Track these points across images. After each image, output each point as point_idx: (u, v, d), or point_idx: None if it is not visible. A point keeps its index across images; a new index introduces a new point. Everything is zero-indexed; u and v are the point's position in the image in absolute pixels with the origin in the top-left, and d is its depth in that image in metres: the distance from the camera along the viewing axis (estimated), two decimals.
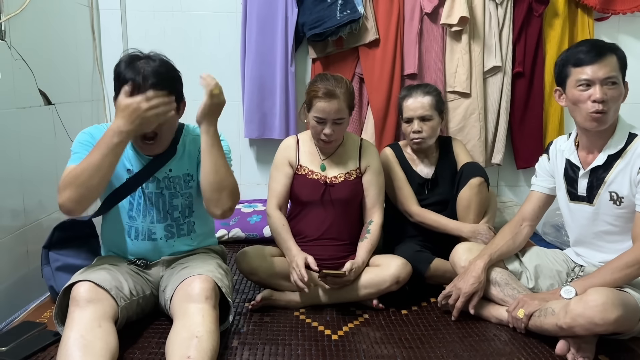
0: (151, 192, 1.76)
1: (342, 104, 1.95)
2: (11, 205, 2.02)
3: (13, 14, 2.00)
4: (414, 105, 2.20)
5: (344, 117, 1.98)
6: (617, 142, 1.70)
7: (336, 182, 2.04)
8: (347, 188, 2.05)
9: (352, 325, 1.84)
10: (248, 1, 2.79)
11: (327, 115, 1.95)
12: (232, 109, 2.94)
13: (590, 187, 1.75)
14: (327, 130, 1.97)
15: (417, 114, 2.19)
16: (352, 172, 2.07)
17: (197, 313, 1.49)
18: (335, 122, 1.96)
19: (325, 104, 1.93)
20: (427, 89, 2.25)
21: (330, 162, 2.09)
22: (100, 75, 2.82)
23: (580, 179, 1.78)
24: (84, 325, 1.42)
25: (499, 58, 2.78)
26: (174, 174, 1.78)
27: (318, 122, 1.98)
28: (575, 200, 1.81)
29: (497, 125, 2.89)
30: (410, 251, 2.08)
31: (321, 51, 2.84)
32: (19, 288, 2.03)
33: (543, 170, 1.94)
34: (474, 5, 2.76)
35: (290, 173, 2.08)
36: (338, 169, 2.08)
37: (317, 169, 2.07)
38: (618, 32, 2.93)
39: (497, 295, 1.83)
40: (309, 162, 2.08)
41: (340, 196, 2.04)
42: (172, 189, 1.78)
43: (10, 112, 2.01)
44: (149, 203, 1.77)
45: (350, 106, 2.01)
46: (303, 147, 2.11)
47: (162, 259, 1.81)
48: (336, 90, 1.93)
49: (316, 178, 2.05)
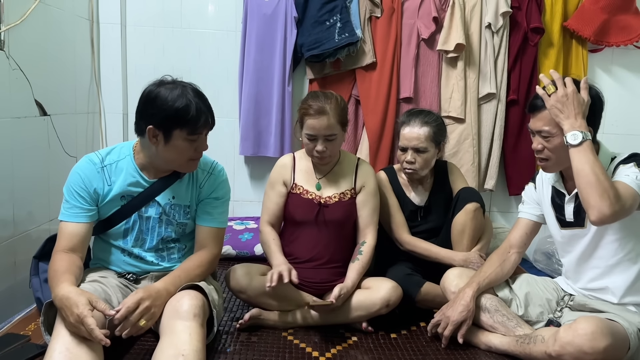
0: (150, 216, 1.75)
1: (332, 120, 1.94)
2: (0, 216, 2.01)
3: (13, 24, 2.01)
4: (409, 135, 2.17)
5: (335, 133, 1.97)
6: None
7: (330, 203, 2.04)
8: (341, 209, 2.04)
9: (340, 347, 1.82)
10: (248, 21, 2.82)
11: (317, 131, 1.95)
12: (228, 126, 2.97)
13: (577, 212, 1.76)
14: (319, 147, 1.96)
15: (412, 144, 2.16)
16: (346, 192, 2.06)
17: (184, 331, 1.47)
18: (327, 138, 1.96)
19: (315, 120, 1.94)
20: (427, 119, 2.19)
21: (326, 181, 2.08)
22: (97, 88, 2.83)
23: (566, 205, 1.79)
24: (70, 338, 1.40)
25: (494, 85, 2.82)
26: (176, 201, 1.76)
27: (310, 139, 1.98)
28: (566, 226, 1.82)
29: (490, 151, 2.91)
30: (401, 274, 2.07)
31: (318, 72, 2.87)
32: (4, 299, 2.01)
33: (529, 198, 1.95)
34: (470, 32, 2.80)
35: (284, 192, 2.07)
36: (333, 189, 2.07)
37: (312, 188, 2.06)
38: (611, 63, 2.98)
39: (487, 322, 1.82)
40: (304, 181, 2.08)
41: (334, 217, 2.03)
42: (171, 217, 1.77)
43: (5, 121, 2.01)
44: (145, 229, 1.75)
45: (342, 122, 2.00)
46: (299, 165, 2.11)
47: (152, 274, 1.79)
48: (325, 107, 1.94)
49: (310, 198, 2.05)
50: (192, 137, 1.62)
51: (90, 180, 1.67)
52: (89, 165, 1.70)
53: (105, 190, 1.69)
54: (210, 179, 1.80)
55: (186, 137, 1.62)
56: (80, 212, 1.66)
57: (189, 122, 1.60)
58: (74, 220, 1.65)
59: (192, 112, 1.59)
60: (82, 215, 1.66)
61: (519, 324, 1.78)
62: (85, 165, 1.69)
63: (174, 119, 1.59)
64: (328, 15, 2.75)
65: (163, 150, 1.65)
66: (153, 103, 1.61)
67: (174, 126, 1.60)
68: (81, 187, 1.67)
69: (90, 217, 1.68)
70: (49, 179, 2.29)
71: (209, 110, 1.66)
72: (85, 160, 1.71)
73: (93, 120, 2.82)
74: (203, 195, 1.80)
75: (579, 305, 1.79)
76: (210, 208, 1.80)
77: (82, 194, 1.67)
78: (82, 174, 1.68)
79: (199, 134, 1.64)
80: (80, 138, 2.66)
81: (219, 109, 2.95)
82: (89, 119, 2.78)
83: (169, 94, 1.60)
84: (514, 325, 1.77)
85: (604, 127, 2.88)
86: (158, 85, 1.63)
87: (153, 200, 1.73)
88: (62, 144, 2.38)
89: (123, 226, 1.73)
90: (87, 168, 1.69)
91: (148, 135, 1.63)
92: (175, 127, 1.60)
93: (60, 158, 2.34)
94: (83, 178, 1.67)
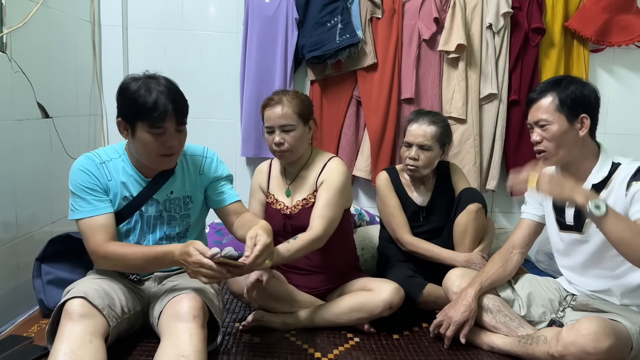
0: (150, 215, 1.75)
1: (287, 110, 1.90)
2: (3, 217, 2.01)
3: (15, 26, 2.02)
4: (416, 132, 2.17)
5: (291, 123, 1.90)
6: (599, 170, 1.73)
7: (294, 213, 1.98)
8: (306, 216, 1.93)
9: (343, 348, 1.82)
10: (249, 22, 2.83)
11: (273, 122, 1.91)
12: (229, 128, 2.98)
13: (578, 216, 1.76)
14: (276, 138, 1.91)
15: (417, 141, 2.16)
16: (309, 197, 1.97)
17: (185, 332, 1.47)
18: (283, 129, 1.90)
19: (269, 111, 1.92)
20: (435, 119, 2.20)
21: (295, 186, 2.02)
22: (99, 90, 2.83)
23: (567, 208, 1.79)
24: (75, 340, 1.40)
25: (495, 86, 2.82)
26: (174, 195, 1.77)
27: (268, 132, 1.95)
28: (565, 229, 1.82)
29: (492, 151, 2.91)
30: (403, 276, 2.07)
31: (320, 73, 2.87)
32: (7, 301, 2.01)
33: (532, 198, 1.95)
34: (471, 33, 2.80)
35: (264, 199, 2.06)
36: (300, 194, 2.00)
37: (282, 196, 2.02)
38: (613, 63, 2.98)
39: (489, 322, 1.82)
40: (276, 188, 2.05)
41: (301, 225, 1.92)
42: (172, 211, 1.77)
43: (8, 123, 2.02)
44: (146, 227, 1.76)
45: (302, 115, 1.93)
46: (274, 171, 2.08)
47: (155, 275, 1.80)
48: (282, 98, 1.92)
49: (278, 208, 2.01)
50: (153, 130, 1.59)
51: (93, 173, 1.68)
52: (88, 160, 1.70)
53: (107, 185, 1.70)
54: (206, 162, 1.81)
55: (148, 130, 1.59)
56: (101, 205, 1.66)
57: (148, 114, 1.57)
58: (99, 213, 1.65)
59: (150, 104, 1.56)
60: (103, 207, 1.67)
61: (521, 324, 1.78)
62: (85, 161, 1.70)
63: (135, 111, 1.58)
64: (329, 16, 2.75)
65: (133, 144, 1.66)
66: (121, 96, 1.63)
67: (135, 118, 1.59)
68: (90, 182, 1.67)
69: (111, 207, 1.69)
70: (51, 181, 2.30)
71: (175, 103, 1.60)
72: (83, 158, 1.72)
73: (95, 123, 2.83)
74: (208, 179, 1.80)
75: (582, 305, 1.79)
76: (221, 187, 1.83)
77: (93, 187, 1.67)
78: (84, 169, 1.68)
79: (159, 127, 1.59)
80: (82, 140, 2.67)
81: (221, 110, 3.00)
82: (91, 121, 2.78)
83: (136, 86, 1.59)
84: (517, 326, 1.77)
85: (605, 127, 2.92)
86: (132, 80, 1.63)
87: (152, 199, 1.74)
88: (64, 146, 2.39)
89: (125, 226, 1.74)
90: (87, 163, 1.70)
91: (119, 129, 1.65)
92: (136, 119, 1.59)
93: (62, 160, 2.34)
94: (87, 172, 1.68)
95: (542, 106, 1.73)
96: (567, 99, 1.71)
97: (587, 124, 1.71)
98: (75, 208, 1.66)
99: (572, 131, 1.71)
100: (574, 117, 1.71)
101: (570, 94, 1.71)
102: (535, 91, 1.77)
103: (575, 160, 1.75)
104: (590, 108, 1.72)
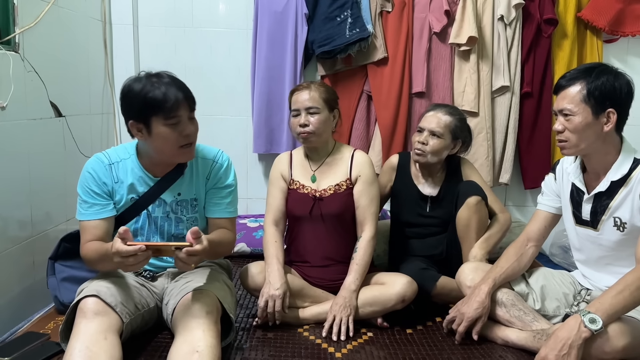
0: (157, 216, 1.77)
1: (314, 94, 1.98)
2: (19, 216, 2.04)
3: (27, 26, 2.04)
4: (430, 118, 2.19)
5: (317, 106, 1.97)
6: (620, 166, 1.68)
7: (325, 196, 2.02)
8: (337, 201, 2.00)
9: (356, 343, 1.82)
10: (259, 18, 2.83)
11: (299, 105, 1.98)
12: (240, 124, 2.98)
13: (594, 213, 1.73)
14: (302, 120, 1.97)
15: (430, 126, 2.16)
16: (342, 184, 2.02)
17: (198, 327, 1.48)
18: (308, 111, 1.97)
19: (297, 94, 2.01)
20: (452, 111, 2.22)
21: (321, 173, 2.06)
22: (111, 89, 2.85)
23: (584, 203, 1.76)
24: (90, 337, 1.42)
25: (507, 78, 2.79)
26: (182, 197, 1.78)
27: (294, 115, 2.01)
28: (580, 224, 1.80)
29: (505, 144, 2.89)
30: (416, 269, 2.06)
31: (330, 68, 2.86)
32: (24, 298, 2.04)
33: (549, 189, 1.91)
34: (482, 25, 2.78)
35: (285, 187, 2.08)
36: (329, 181, 2.04)
37: (307, 182, 2.05)
38: (627, 53, 2.93)
39: (503, 317, 1.81)
40: (300, 175, 2.07)
41: (330, 210, 2.00)
42: (179, 213, 1.78)
43: (22, 123, 2.04)
44: (154, 227, 1.77)
45: (328, 101, 2.00)
46: (295, 159, 2.11)
47: (168, 271, 1.82)
48: (310, 84, 2.02)
49: (306, 192, 2.04)
50: (170, 121, 1.60)
51: (100, 177, 1.70)
52: (97, 162, 1.72)
53: (114, 187, 1.72)
54: (215, 167, 1.80)
55: (165, 123, 1.60)
56: (100, 209, 1.69)
57: (161, 106, 1.58)
58: (96, 218, 1.68)
59: (159, 95, 1.58)
60: (102, 212, 1.69)
61: (535, 319, 1.77)
62: (94, 163, 1.72)
63: (147, 107, 1.59)
64: (339, 11, 2.74)
65: (151, 143, 1.66)
66: (126, 98, 1.64)
67: (149, 114, 1.60)
68: (95, 184, 1.69)
69: (110, 212, 1.71)
70: (65, 179, 2.32)
71: (181, 90, 1.63)
72: (93, 159, 1.74)
73: (107, 121, 2.85)
74: (210, 185, 1.80)
75: None
76: (218, 199, 1.80)
77: (97, 190, 1.69)
78: (92, 172, 1.70)
79: (174, 116, 1.60)
80: (95, 138, 2.69)
81: (232, 107, 3.01)
82: (104, 120, 2.80)
83: (140, 85, 1.61)
84: (531, 320, 1.76)
85: None
86: (133, 81, 1.64)
87: (159, 199, 1.75)
88: (78, 145, 2.41)
89: (133, 225, 1.75)
90: (96, 165, 1.72)
91: (133, 131, 1.65)
92: (150, 115, 1.60)
93: (75, 158, 2.36)
94: (94, 175, 1.70)
95: (568, 95, 1.66)
96: (596, 90, 1.62)
97: (613, 119, 1.63)
98: (78, 209, 1.71)
99: (597, 125, 1.64)
100: (601, 110, 1.63)
101: (600, 86, 1.62)
102: (565, 77, 1.69)
103: (595, 153, 1.70)
104: (619, 102, 1.63)
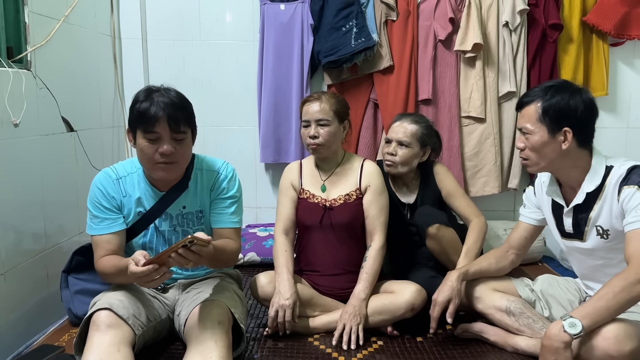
0: (164, 230, 1.79)
1: (324, 106, 1.99)
2: (32, 229, 2.07)
3: (39, 44, 2.08)
4: (397, 129, 2.24)
5: (327, 118, 1.98)
6: (592, 178, 1.66)
7: (335, 205, 2.03)
8: (347, 211, 2.01)
9: (367, 352, 1.83)
10: (265, 30, 2.86)
11: (309, 116, 2.00)
12: (248, 134, 3.01)
13: (577, 225, 1.73)
14: (312, 132, 1.99)
15: (397, 137, 2.21)
16: (352, 194, 2.04)
17: (210, 338, 1.50)
18: (319, 123, 1.99)
19: (308, 106, 2.02)
20: (418, 119, 2.26)
21: (331, 182, 2.08)
22: (121, 102, 2.89)
23: (564, 217, 1.76)
24: (104, 349, 1.44)
25: (514, 84, 2.80)
26: (187, 210, 1.80)
27: (305, 127, 2.03)
28: (566, 237, 1.79)
29: (512, 150, 2.89)
30: (425, 277, 2.06)
31: (336, 77, 2.89)
32: (38, 311, 2.07)
33: (530, 202, 1.92)
34: (487, 31, 2.79)
35: (295, 196, 2.09)
36: (338, 190, 2.06)
37: (318, 191, 2.07)
38: (633, 57, 2.92)
39: (512, 325, 1.81)
40: (310, 185, 2.09)
41: (340, 220, 2.01)
42: (185, 226, 1.80)
43: (34, 139, 2.08)
44: (162, 240, 1.79)
45: (337, 112, 2.01)
46: (305, 169, 2.12)
47: (179, 282, 1.84)
48: (321, 95, 2.03)
49: (316, 202, 2.05)
50: (148, 135, 1.61)
51: (108, 191, 1.73)
52: (105, 177, 1.75)
53: (122, 201, 1.74)
54: (220, 178, 1.81)
55: (144, 136, 1.62)
56: (111, 223, 1.71)
57: (143, 120, 1.60)
58: (107, 232, 1.71)
59: (143, 109, 1.60)
60: (113, 225, 1.72)
61: (545, 326, 1.75)
62: (102, 178, 1.75)
63: (133, 117, 1.64)
64: (344, 21, 2.76)
65: (137, 153, 1.69)
66: (130, 106, 1.69)
67: (135, 125, 1.64)
68: (105, 199, 1.72)
69: (121, 225, 1.73)
70: (78, 193, 2.35)
71: (170, 109, 1.60)
72: (101, 174, 1.77)
73: (119, 134, 2.89)
74: (214, 196, 1.81)
75: None
76: (221, 209, 1.81)
77: (107, 205, 1.72)
78: (101, 187, 1.73)
79: (151, 132, 1.60)
80: (107, 152, 2.73)
81: (240, 117, 3.04)
82: (114, 133, 2.84)
83: (142, 96, 1.64)
84: (540, 327, 1.75)
85: (628, 121, 2.87)
86: (143, 91, 1.68)
87: (165, 213, 1.77)
88: (89, 158, 2.45)
89: (141, 239, 1.78)
90: (104, 180, 1.75)
91: (128, 138, 1.71)
92: (135, 126, 1.64)
93: (87, 172, 2.40)
94: (103, 191, 1.73)
95: (527, 113, 1.68)
96: (550, 109, 1.62)
97: (569, 137, 1.62)
98: (88, 223, 1.73)
99: (554, 143, 1.64)
100: (557, 129, 1.63)
101: (554, 105, 1.62)
102: (526, 95, 1.70)
103: (560, 169, 1.70)
104: (574, 121, 1.61)
